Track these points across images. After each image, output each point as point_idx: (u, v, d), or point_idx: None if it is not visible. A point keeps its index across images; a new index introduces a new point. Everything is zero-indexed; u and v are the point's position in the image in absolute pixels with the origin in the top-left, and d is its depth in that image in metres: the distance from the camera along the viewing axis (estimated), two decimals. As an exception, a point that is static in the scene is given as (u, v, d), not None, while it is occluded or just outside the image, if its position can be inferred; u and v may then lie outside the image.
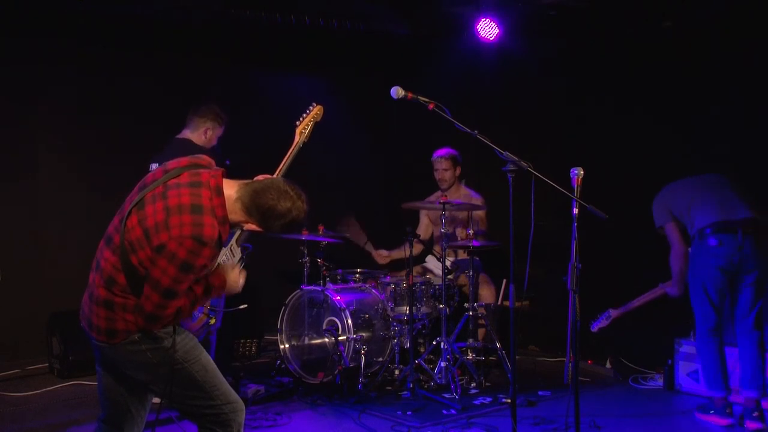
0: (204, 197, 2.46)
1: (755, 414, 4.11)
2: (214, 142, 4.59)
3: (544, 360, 5.90)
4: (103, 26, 5.46)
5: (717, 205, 4.26)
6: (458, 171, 5.66)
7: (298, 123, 3.32)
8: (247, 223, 2.57)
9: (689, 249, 4.39)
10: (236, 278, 2.76)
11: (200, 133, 4.52)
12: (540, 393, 4.77)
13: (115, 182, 3.50)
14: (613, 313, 4.96)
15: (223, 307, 3.66)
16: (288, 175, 3.08)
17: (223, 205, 2.49)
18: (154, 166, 4.19)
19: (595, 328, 5.02)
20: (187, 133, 4.53)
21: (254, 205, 2.51)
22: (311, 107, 3.36)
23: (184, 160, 2.61)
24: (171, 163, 2.61)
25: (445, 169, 5.61)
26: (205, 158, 2.67)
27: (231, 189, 2.53)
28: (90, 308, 2.54)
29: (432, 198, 5.76)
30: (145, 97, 5.75)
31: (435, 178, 5.69)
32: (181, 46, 5.84)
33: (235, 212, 2.53)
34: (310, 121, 3.32)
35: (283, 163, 3.15)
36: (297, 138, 3.28)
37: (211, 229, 2.42)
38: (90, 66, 5.62)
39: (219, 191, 2.50)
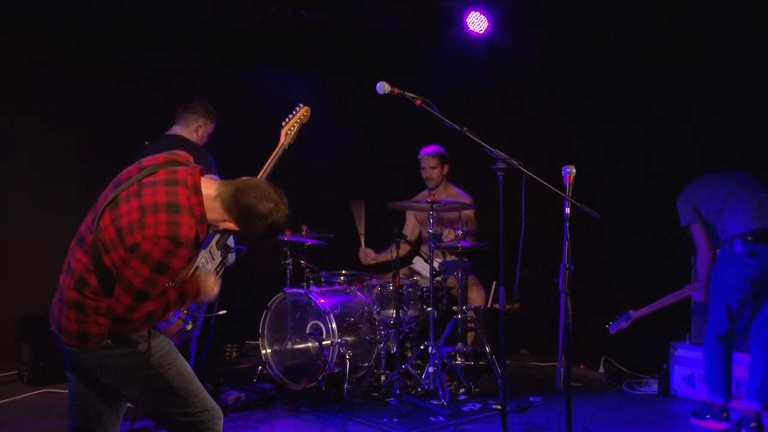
0: (181, 195, 2.44)
1: (753, 425, 4.10)
2: (205, 139, 4.59)
3: (536, 364, 5.91)
4: (84, 21, 5.40)
5: (752, 211, 4.17)
6: (446, 169, 5.66)
7: (283, 124, 3.31)
8: (225, 222, 2.54)
9: (717, 252, 4.31)
10: (212, 286, 2.75)
11: (192, 130, 4.52)
12: (531, 399, 4.77)
13: (90, 182, 3.45)
14: (634, 314, 4.88)
15: (203, 313, 3.65)
16: (272, 175, 3.07)
17: (201, 203, 2.48)
18: None
19: (613, 330, 4.95)
20: (178, 130, 4.52)
21: (235, 203, 2.49)
22: (298, 108, 3.35)
23: (160, 157, 2.59)
24: (146, 160, 2.59)
25: (432, 167, 5.61)
26: (182, 154, 2.65)
27: (210, 187, 2.52)
28: (60, 311, 2.51)
29: (419, 197, 5.76)
30: (125, 94, 5.69)
31: (422, 176, 5.69)
32: (163, 41, 5.79)
33: (213, 210, 2.51)
34: (297, 122, 3.31)
35: (267, 164, 3.13)
36: (282, 139, 3.27)
37: (188, 229, 2.40)
38: (70, 62, 5.56)
39: (197, 189, 2.48)
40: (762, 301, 4.22)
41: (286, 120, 3.32)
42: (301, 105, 3.36)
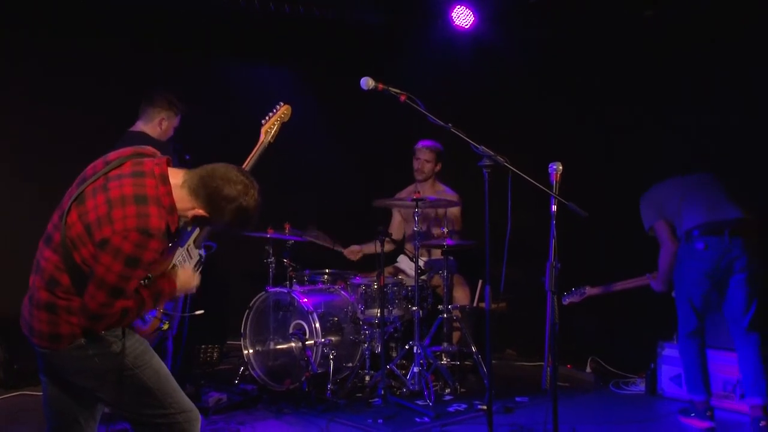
0: (148, 186, 2.42)
1: (762, 423, 4.09)
2: (170, 133, 4.50)
3: (522, 364, 5.94)
4: (53, 13, 5.32)
5: (705, 205, 4.27)
6: (438, 167, 5.68)
7: (263, 122, 3.30)
8: (193, 209, 2.51)
9: (678, 249, 4.38)
10: (189, 278, 2.72)
11: (155, 124, 4.42)
12: (517, 399, 4.78)
13: (62, 178, 3.40)
14: (590, 290, 4.94)
15: (179, 312, 3.63)
16: (252, 173, 3.05)
17: (169, 193, 2.46)
18: None
19: (566, 302, 4.99)
20: (141, 125, 4.44)
21: (202, 187, 2.47)
22: (278, 106, 3.33)
23: (126, 151, 2.58)
24: (112, 155, 2.57)
25: (427, 161, 5.63)
26: (149, 149, 2.63)
27: (177, 176, 2.50)
28: (31, 312, 2.48)
29: (405, 192, 5.76)
30: (95, 90, 5.61)
31: (413, 167, 5.69)
32: (136, 33, 5.73)
33: (181, 199, 2.48)
34: (277, 120, 3.30)
35: (246, 162, 3.12)
36: (262, 137, 3.25)
37: (158, 220, 2.38)
38: (35, 55, 5.47)
39: (165, 179, 2.46)
40: (731, 295, 4.25)
41: (267, 118, 3.30)
42: (282, 103, 3.34)
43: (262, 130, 3.27)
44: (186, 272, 2.72)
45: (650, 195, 4.53)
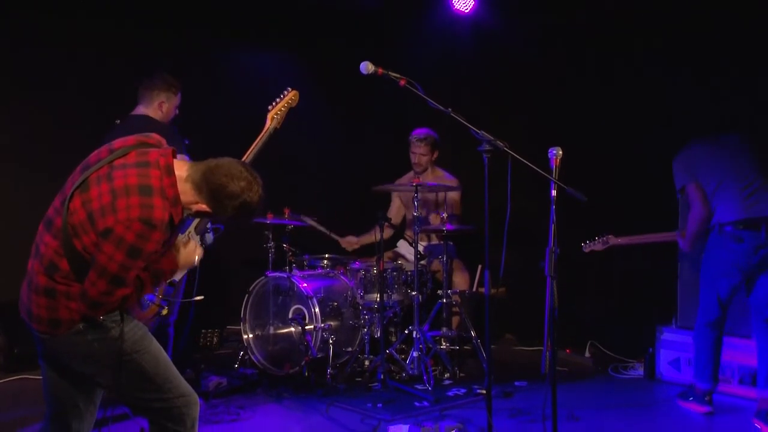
0: (153, 177, 2.42)
1: None
2: (172, 114, 4.43)
3: (521, 349, 5.96)
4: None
5: (743, 198, 4.16)
6: (435, 155, 5.65)
7: (270, 107, 3.28)
8: (196, 204, 2.51)
9: (708, 239, 4.30)
10: (190, 253, 2.71)
11: (155, 107, 4.36)
12: (516, 383, 4.80)
13: (62, 163, 3.39)
14: (613, 240, 4.81)
15: (180, 298, 3.63)
16: (256, 160, 3.05)
17: (174, 185, 2.45)
18: None
19: (587, 249, 4.89)
20: (142, 109, 4.39)
21: (205, 183, 2.46)
22: (286, 92, 3.31)
23: (130, 139, 2.56)
24: (117, 142, 2.55)
25: (423, 154, 5.59)
26: (154, 136, 2.62)
27: (181, 169, 2.49)
28: (29, 297, 2.48)
29: (404, 179, 5.75)
30: (97, 74, 5.57)
31: (410, 159, 5.67)
32: (140, 18, 5.68)
33: (185, 192, 2.48)
34: (284, 106, 3.29)
35: (251, 148, 3.11)
36: (268, 123, 3.24)
37: (161, 211, 2.38)
38: (32, 38, 5.43)
39: (169, 170, 2.45)
40: (758, 285, 4.20)
41: (273, 103, 3.29)
42: (290, 89, 3.33)
43: (269, 116, 3.25)
44: (188, 248, 2.70)
45: (683, 157, 4.36)
